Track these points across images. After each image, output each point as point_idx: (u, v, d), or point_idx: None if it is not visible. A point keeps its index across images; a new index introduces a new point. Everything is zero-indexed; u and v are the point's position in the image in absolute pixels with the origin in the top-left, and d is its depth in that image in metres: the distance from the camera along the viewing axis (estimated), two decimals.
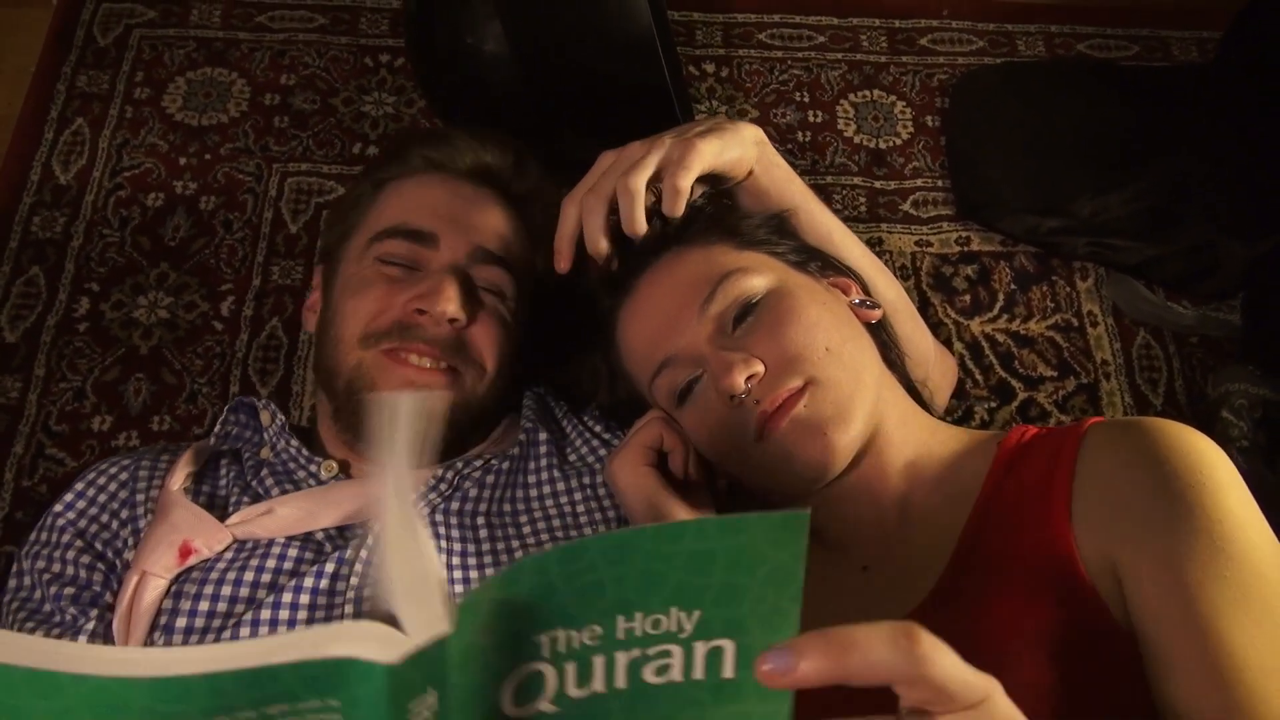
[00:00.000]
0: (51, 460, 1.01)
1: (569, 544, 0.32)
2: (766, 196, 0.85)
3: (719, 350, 0.72)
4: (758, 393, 0.70)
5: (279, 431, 0.83)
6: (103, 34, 1.25)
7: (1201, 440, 0.62)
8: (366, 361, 0.80)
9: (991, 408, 1.11)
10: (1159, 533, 0.58)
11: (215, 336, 1.08)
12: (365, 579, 0.72)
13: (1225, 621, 0.54)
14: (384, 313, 0.80)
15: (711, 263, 0.76)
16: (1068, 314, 1.16)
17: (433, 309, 0.79)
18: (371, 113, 1.22)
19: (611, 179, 0.76)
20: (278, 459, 0.82)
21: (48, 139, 1.17)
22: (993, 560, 0.63)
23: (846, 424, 0.69)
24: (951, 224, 1.20)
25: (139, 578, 0.72)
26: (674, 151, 0.75)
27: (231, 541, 0.74)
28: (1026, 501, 0.64)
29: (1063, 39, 1.36)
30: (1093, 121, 1.18)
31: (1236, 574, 0.56)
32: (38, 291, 1.09)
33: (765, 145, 0.84)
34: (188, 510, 0.75)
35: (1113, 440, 0.64)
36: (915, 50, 1.33)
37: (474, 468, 0.83)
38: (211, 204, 1.15)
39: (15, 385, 1.04)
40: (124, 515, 0.79)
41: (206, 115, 1.20)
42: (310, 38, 1.27)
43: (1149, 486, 0.60)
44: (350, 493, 0.78)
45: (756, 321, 0.72)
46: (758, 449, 0.71)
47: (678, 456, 0.77)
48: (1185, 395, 1.13)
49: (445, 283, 0.80)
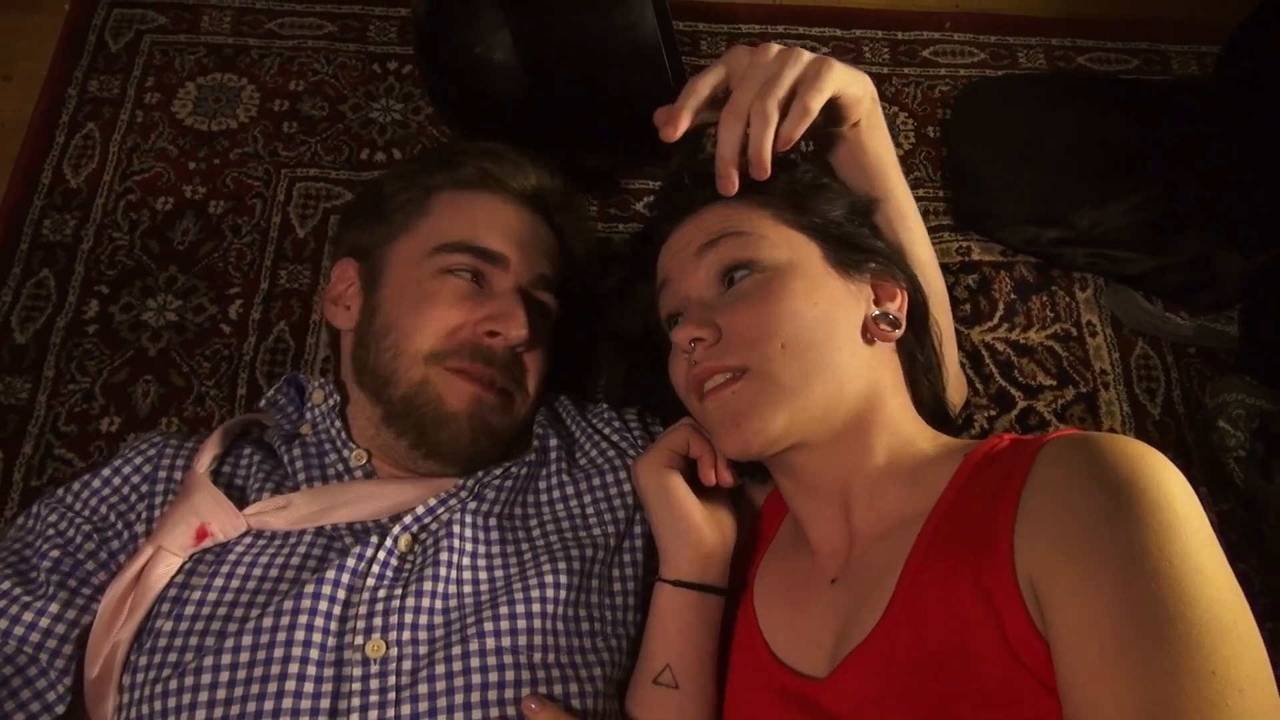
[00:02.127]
0: (60, 461, 1.02)
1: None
2: (863, 159, 0.83)
3: (694, 304, 0.76)
4: (699, 355, 0.73)
5: (328, 411, 0.84)
6: (114, 39, 1.26)
7: (1154, 461, 0.57)
8: (433, 378, 0.80)
9: (991, 416, 1.12)
10: (1081, 554, 0.54)
11: (223, 339, 1.09)
12: (381, 579, 0.73)
13: (1132, 660, 0.50)
14: (455, 332, 0.81)
15: (735, 220, 0.77)
16: (1067, 324, 1.17)
17: (507, 333, 0.81)
18: (379, 119, 1.23)
19: (749, 93, 0.72)
20: (315, 437, 0.84)
21: (59, 143, 1.19)
22: (944, 573, 0.62)
23: (764, 423, 0.69)
24: (952, 234, 1.21)
25: (154, 551, 0.73)
26: (810, 69, 0.73)
27: (247, 530, 0.75)
28: (978, 512, 0.62)
29: (1063, 52, 1.37)
30: (1093, 133, 1.19)
31: (1156, 609, 0.51)
32: (48, 293, 1.10)
33: (878, 103, 0.83)
34: (209, 494, 0.76)
35: (1063, 454, 0.60)
36: (917, 62, 1.35)
37: (494, 475, 0.84)
38: (220, 208, 1.16)
39: (25, 386, 1.05)
40: (144, 489, 0.80)
41: (216, 120, 1.22)
42: (319, 44, 1.28)
43: (1083, 505, 0.56)
44: (366, 492, 0.79)
45: (739, 290, 0.74)
46: (698, 407, 0.75)
47: (705, 463, 0.78)
48: (1183, 405, 1.14)
49: (518, 308, 0.81)
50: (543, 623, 0.74)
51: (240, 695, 0.66)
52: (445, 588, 0.74)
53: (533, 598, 0.75)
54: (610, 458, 0.87)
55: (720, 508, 0.80)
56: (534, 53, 0.99)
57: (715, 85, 0.75)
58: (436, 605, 0.73)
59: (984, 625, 0.57)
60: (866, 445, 0.73)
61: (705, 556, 0.76)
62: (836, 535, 0.74)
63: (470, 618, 0.73)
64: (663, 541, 0.78)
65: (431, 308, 0.81)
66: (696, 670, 0.75)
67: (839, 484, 0.73)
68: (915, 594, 0.63)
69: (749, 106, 0.72)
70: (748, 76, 0.73)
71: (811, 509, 0.76)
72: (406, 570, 0.75)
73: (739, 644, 0.78)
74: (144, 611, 0.72)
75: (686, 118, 0.74)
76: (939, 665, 0.60)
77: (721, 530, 0.78)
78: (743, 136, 0.73)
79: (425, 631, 0.72)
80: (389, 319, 0.83)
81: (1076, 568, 0.54)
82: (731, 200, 0.77)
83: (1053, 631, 0.54)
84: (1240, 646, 0.50)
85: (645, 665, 0.76)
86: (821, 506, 0.75)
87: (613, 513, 0.84)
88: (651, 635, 0.77)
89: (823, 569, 0.75)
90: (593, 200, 1.20)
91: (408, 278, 0.84)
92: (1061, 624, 0.54)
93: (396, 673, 0.69)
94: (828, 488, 0.74)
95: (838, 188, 0.83)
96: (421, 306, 0.82)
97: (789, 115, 0.72)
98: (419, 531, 0.77)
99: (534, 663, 0.72)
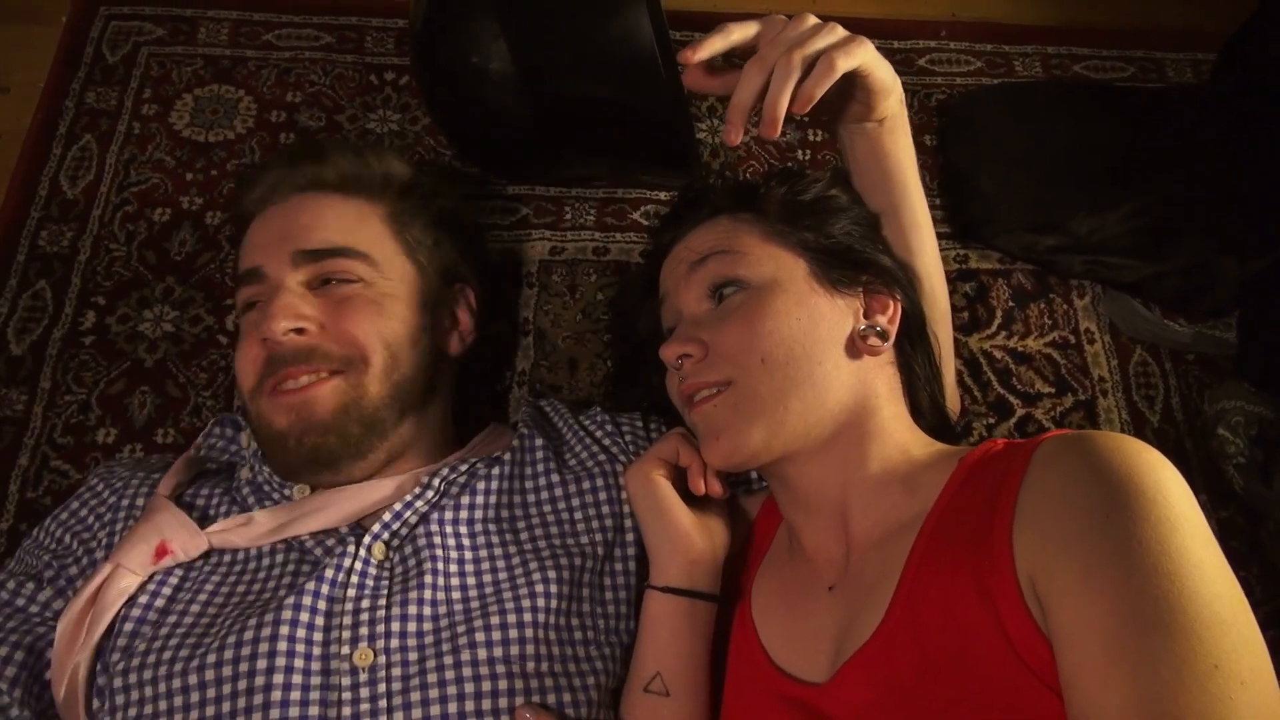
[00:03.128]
0: (56, 473, 1.02)
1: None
2: (884, 161, 0.83)
3: (686, 320, 0.78)
4: (686, 370, 0.76)
5: (254, 455, 0.85)
6: (111, 51, 1.26)
7: (1150, 457, 0.58)
8: (261, 407, 0.80)
9: (990, 424, 1.11)
10: (1080, 551, 0.54)
11: (220, 350, 1.09)
12: (363, 590, 0.73)
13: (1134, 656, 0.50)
14: (254, 360, 0.80)
15: (724, 239, 0.78)
16: (1065, 331, 1.17)
17: (270, 334, 0.78)
18: (377, 129, 1.24)
19: (777, 50, 0.71)
20: (255, 479, 0.84)
21: (56, 154, 1.19)
22: (943, 576, 0.62)
23: (742, 436, 0.72)
24: (949, 242, 1.21)
25: (112, 569, 0.73)
26: (843, 38, 0.73)
27: (208, 549, 0.75)
28: (975, 514, 0.63)
29: (1059, 60, 1.38)
30: (1089, 140, 1.19)
31: (1157, 604, 0.51)
32: (44, 305, 1.10)
33: (904, 105, 0.83)
34: (171, 513, 0.76)
35: (1059, 452, 0.61)
36: (913, 70, 1.35)
37: (459, 473, 0.83)
38: (217, 219, 1.16)
39: (21, 397, 1.05)
40: (106, 518, 0.80)
41: (213, 132, 1.22)
42: (316, 55, 1.28)
43: (1080, 502, 0.56)
44: (325, 501, 0.79)
45: (726, 307, 0.76)
46: (688, 415, 0.78)
47: (694, 472, 0.79)
48: (1182, 412, 1.14)
49: (271, 304, 0.79)
50: (535, 631, 0.74)
51: (228, 710, 0.66)
52: (434, 594, 0.74)
53: (524, 607, 0.74)
54: (600, 462, 0.87)
55: (711, 516, 0.81)
56: (531, 62, 0.99)
57: (745, 37, 0.73)
58: (425, 612, 0.73)
59: (986, 627, 0.57)
60: (859, 454, 0.73)
61: (694, 563, 0.76)
62: (832, 543, 0.74)
63: (461, 626, 0.73)
64: (652, 548, 0.79)
65: (240, 349, 0.82)
66: (688, 678, 0.75)
67: (833, 493, 0.74)
68: (914, 598, 0.63)
69: (775, 61, 0.70)
70: (780, 37, 0.72)
71: (806, 518, 0.76)
72: (388, 578, 0.75)
73: (737, 652, 0.78)
74: (101, 630, 0.71)
75: (708, 49, 0.72)
76: (940, 668, 0.59)
77: (711, 538, 0.79)
78: (761, 90, 0.71)
79: (415, 639, 0.71)
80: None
81: (1076, 565, 0.54)
82: (722, 218, 0.80)
83: (1054, 629, 0.54)
84: (1241, 640, 0.50)
85: (636, 673, 0.76)
86: (816, 516, 0.75)
87: (600, 520, 0.84)
88: (642, 643, 0.77)
89: (820, 576, 0.75)
90: (589, 210, 1.20)
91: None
92: (1063, 621, 0.54)
93: (387, 680, 0.69)
94: (821, 497, 0.74)
95: (843, 200, 0.82)
96: (238, 353, 0.82)
97: (812, 72, 0.70)
98: (390, 539, 0.77)
99: (527, 672, 0.72)
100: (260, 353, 0.80)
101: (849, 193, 0.85)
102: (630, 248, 1.18)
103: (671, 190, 1.21)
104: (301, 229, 0.82)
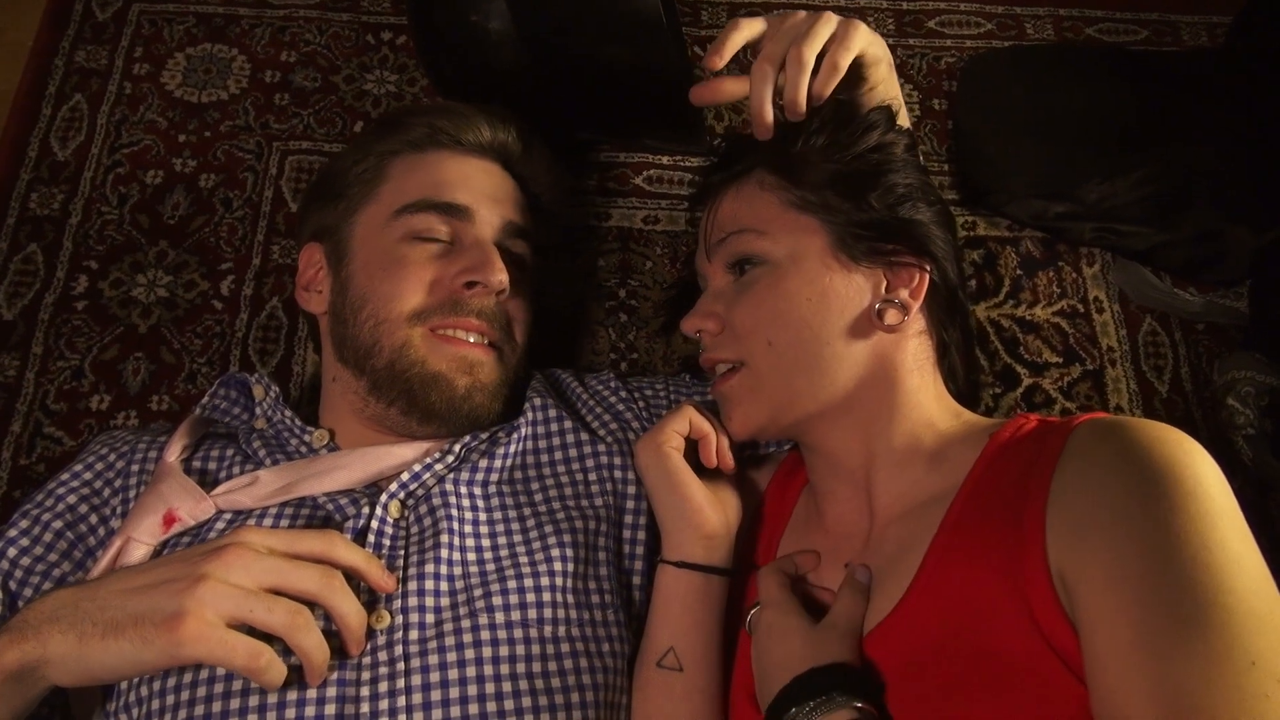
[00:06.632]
0: (49, 439, 1.00)
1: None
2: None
3: (709, 291, 0.80)
4: (705, 343, 0.79)
5: (274, 403, 0.84)
6: (101, 9, 1.23)
7: (1190, 448, 0.57)
8: (414, 340, 0.79)
9: (996, 393, 1.10)
10: (1117, 540, 0.53)
11: (215, 316, 1.07)
12: (379, 550, 0.72)
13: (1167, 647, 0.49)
14: (433, 288, 0.80)
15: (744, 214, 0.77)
16: (1074, 300, 1.16)
17: (487, 279, 0.79)
18: (373, 91, 1.21)
19: (783, 44, 0.75)
20: (271, 428, 0.83)
21: (45, 115, 1.16)
22: (972, 555, 0.61)
23: (749, 416, 0.75)
24: (958, 208, 1.19)
25: (123, 542, 0.72)
26: (840, 29, 0.76)
27: (216, 512, 0.74)
28: (1006, 497, 0.62)
29: (1071, 23, 1.35)
30: (1101, 106, 1.17)
31: (1195, 596, 0.50)
32: (35, 269, 1.08)
33: (894, 69, 0.84)
34: (177, 480, 0.75)
35: (1096, 439, 0.59)
36: (923, 33, 1.32)
37: (480, 440, 0.83)
38: (211, 182, 1.14)
39: (13, 363, 1.04)
40: (117, 484, 0.79)
41: (206, 92, 1.19)
42: (311, 14, 1.25)
43: (1118, 492, 0.55)
44: (333, 463, 0.77)
45: (744, 282, 0.76)
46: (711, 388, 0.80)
47: (706, 445, 0.78)
48: (1191, 382, 1.12)
49: (494, 253, 0.80)
50: (553, 595, 0.73)
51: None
52: (451, 555, 0.73)
53: (540, 571, 0.74)
54: (613, 430, 0.87)
55: (724, 489, 0.80)
56: (531, 21, 0.97)
57: (756, 34, 0.78)
58: (442, 572, 0.72)
59: (1013, 609, 0.57)
60: (882, 424, 0.73)
61: (708, 537, 0.76)
62: (855, 514, 0.74)
63: (478, 590, 0.72)
64: (665, 522, 0.78)
65: (404, 270, 0.80)
66: (701, 652, 0.74)
67: (859, 460, 0.74)
68: (941, 575, 0.63)
69: (782, 55, 0.74)
70: (781, 33, 0.76)
71: (833, 484, 0.76)
72: (404, 538, 0.74)
73: None
74: None
75: (730, 47, 0.76)
76: (961, 647, 0.59)
77: (725, 511, 0.78)
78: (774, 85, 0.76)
79: (432, 598, 0.70)
80: (362, 290, 0.82)
81: (1111, 555, 0.53)
82: (749, 185, 0.78)
83: (1083, 617, 0.53)
84: (1278, 637, 0.49)
85: (649, 648, 0.76)
86: (842, 483, 0.75)
87: (614, 482, 0.83)
88: (655, 617, 0.76)
89: (838, 551, 0.74)
90: (591, 174, 1.18)
91: (375, 246, 0.83)
92: (1095, 609, 0.53)
93: (404, 642, 0.68)
94: (848, 463, 0.74)
95: (887, 154, 0.77)
96: (394, 271, 0.81)
97: (819, 72, 0.75)
98: (406, 498, 0.76)
99: (544, 636, 0.71)
100: (445, 290, 0.80)
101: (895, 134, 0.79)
102: (632, 213, 1.16)
103: (674, 154, 1.19)
104: (513, 201, 0.88)
